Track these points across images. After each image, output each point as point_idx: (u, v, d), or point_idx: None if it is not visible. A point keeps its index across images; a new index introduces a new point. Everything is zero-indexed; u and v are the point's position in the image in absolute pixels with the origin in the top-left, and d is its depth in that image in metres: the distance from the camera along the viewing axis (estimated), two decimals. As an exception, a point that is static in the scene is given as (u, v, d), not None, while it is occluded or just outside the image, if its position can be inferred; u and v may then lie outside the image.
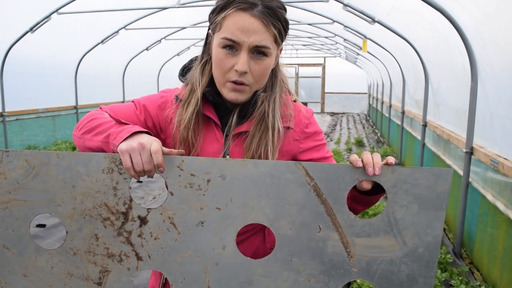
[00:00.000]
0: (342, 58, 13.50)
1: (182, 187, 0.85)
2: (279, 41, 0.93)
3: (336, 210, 0.84)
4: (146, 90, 10.27)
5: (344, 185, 0.83)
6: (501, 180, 2.48)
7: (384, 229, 0.84)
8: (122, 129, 0.85)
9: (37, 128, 6.64)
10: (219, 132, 0.98)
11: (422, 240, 0.83)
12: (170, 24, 7.33)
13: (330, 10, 5.56)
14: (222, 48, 0.90)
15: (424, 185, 0.82)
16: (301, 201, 0.84)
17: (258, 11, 0.87)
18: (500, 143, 2.53)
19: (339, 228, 0.84)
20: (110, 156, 0.84)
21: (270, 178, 0.83)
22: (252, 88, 0.94)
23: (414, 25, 4.25)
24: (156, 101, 1.01)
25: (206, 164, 0.84)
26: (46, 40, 6.00)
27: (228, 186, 0.84)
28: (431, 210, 0.82)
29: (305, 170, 0.83)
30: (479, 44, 2.72)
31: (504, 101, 2.44)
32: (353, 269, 0.85)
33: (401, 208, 0.83)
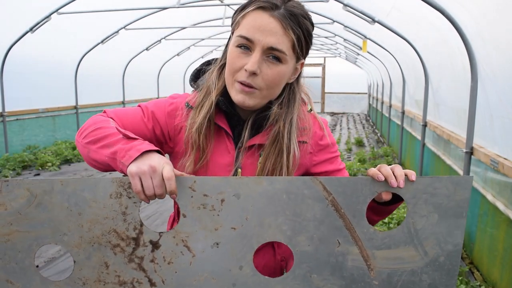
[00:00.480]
0: (342, 58, 13.50)
1: (195, 208, 0.82)
2: (297, 49, 0.88)
3: (355, 224, 0.82)
4: (146, 90, 10.27)
5: (362, 198, 0.81)
6: (501, 180, 2.48)
7: (405, 240, 0.83)
8: (131, 147, 0.79)
9: (37, 128, 6.64)
10: (231, 143, 0.95)
11: (443, 249, 0.83)
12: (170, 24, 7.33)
13: (330, 10, 5.56)
14: (236, 47, 0.87)
15: (444, 194, 0.81)
16: (319, 216, 0.82)
17: (279, 13, 0.84)
18: (500, 143, 2.53)
19: (359, 242, 0.83)
20: (118, 180, 0.80)
21: (286, 194, 0.82)
22: (262, 94, 0.89)
23: (414, 25, 4.25)
24: (166, 108, 0.97)
25: (219, 183, 0.81)
26: (46, 40, 6.00)
27: (243, 205, 0.82)
28: (451, 218, 0.82)
29: (322, 185, 0.81)
30: (479, 44, 2.72)
31: (504, 101, 2.44)
32: (374, 282, 0.84)
33: (421, 219, 0.82)
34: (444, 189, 0.81)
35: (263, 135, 0.94)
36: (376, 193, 0.82)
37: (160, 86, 10.72)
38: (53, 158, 5.96)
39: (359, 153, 6.75)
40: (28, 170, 5.72)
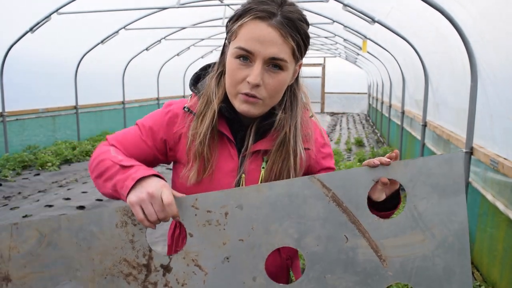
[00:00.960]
0: (342, 58, 13.50)
1: (201, 226, 0.82)
2: (297, 55, 0.88)
3: (359, 216, 0.82)
4: (146, 90, 10.27)
5: (362, 189, 0.82)
6: (501, 180, 2.48)
7: (410, 225, 0.82)
8: (127, 176, 0.81)
9: (37, 128, 6.64)
10: (234, 149, 0.95)
11: (449, 228, 0.82)
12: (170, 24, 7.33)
13: (330, 10, 5.56)
14: (235, 58, 0.86)
15: (439, 173, 0.81)
16: (322, 214, 0.82)
17: (277, 21, 0.82)
18: (500, 143, 2.53)
19: (366, 234, 0.83)
20: (121, 209, 0.82)
21: (288, 197, 0.82)
22: (266, 102, 0.88)
23: (414, 25, 4.26)
24: (163, 119, 0.97)
25: (221, 197, 0.82)
26: (46, 40, 6.00)
27: (247, 215, 0.82)
28: (451, 196, 0.82)
29: (320, 183, 0.82)
30: (479, 44, 2.72)
31: (504, 101, 2.45)
32: (388, 273, 0.83)
33: (422, 201, 0.82)
34: (438, 168, 0.81)
35: (267, 141, 0.94)
36: (373, 182, 0.82)
37: (160, 86, 10.71)
38: (53, 158, 5.96)
39: (359, 153, 6.75)
40: (28, 170, 5.72)
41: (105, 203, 4.37)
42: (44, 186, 5.07)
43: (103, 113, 8.41)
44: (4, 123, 5.86)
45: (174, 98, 12.80)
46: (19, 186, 4.96)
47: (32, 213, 3.98)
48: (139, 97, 9.79)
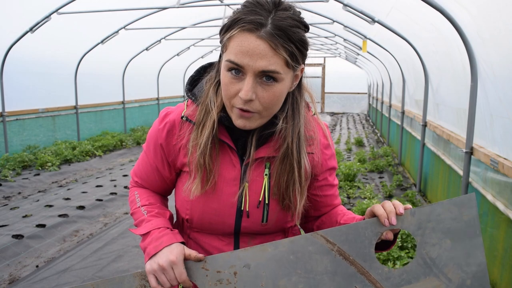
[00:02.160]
0: (342, 58, 13.50)
1: (212, 285, 0.85)
2: (292, 64, 0.82)
3: (368, 267, 0.82)
4: (146, 90, 10.27)
5: (368, 242, 0.81)
6: (501, 180, 2.48)
7: (424, 272, 0.81)
8: (144, 248, 0.90)
9: (37, 128, 6.64)
10: (235, 157, 0.93)
11: (466, 272, 0.80)
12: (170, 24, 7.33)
13: (330, 10, 5.56)
14: (227, 71, 0.83)
15: (450, 218, 0.80)
16: (330, 268, 0.82)
17: (266, 33, 0.77)
18: (500, 143, 2.53)
19: (377, 284, 0.82)
20: (138, 274, 0.88)
21: (293, 254, 0.83)
22: (262, 115, 0.85)
23: (414, 25, 4.25)
24: (162, 134, 0.95)
25: (228, 258, 0.85)
26: (46, 40, 6.00)
27: (255, 273, 0.84)
28: (465, 240, 0.80)
29: (324, 238, 0.82)
30: (479, 44, 2.72)
31: (504, 101, 2.44)
32: None
33: (433, 247, 0.80)
34: (448, 213, 0.80)
35: (269, 147, 0.92)
36: (380, 234, 0.81)
37: (160, 86, 10.71)
38: (53, 158, 5.96)
39: (359, 153, 6.75)
40: (28, 170, 5.72)
41: (105, 203, 4.37)
42: (44, 186, 5.07)
43: (103, 113, 8.41)
44: (4, 123, 5.86)
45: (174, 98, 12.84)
46: (19, 186, 4.96)
47: (32, 213, 3.98)
48: (139, 97, 9.79)
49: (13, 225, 3.63)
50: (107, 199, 4.46)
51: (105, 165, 6.48)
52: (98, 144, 7.10)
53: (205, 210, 0.92)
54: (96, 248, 3.21)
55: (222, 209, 0.92)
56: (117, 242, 3.33)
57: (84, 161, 6.44)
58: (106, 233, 3.53)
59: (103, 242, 3.32)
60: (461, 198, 0.80)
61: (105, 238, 3.42)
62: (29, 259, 3.05)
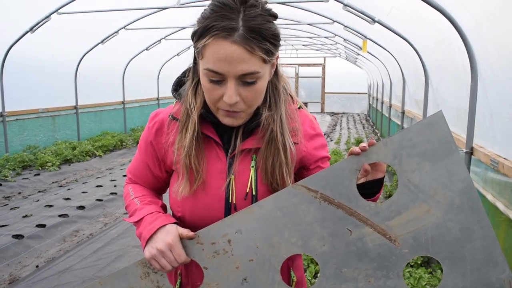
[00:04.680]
0: (342, 58, 13.49)
1: (211, 258, 0.87)
2: (268, 59, 0.84)
3: (355, 207, 0.82)
4: (146, 90, 10.26)
5: (348, 181, 0.81)
6: (501, 180, 2.48)
7: (411, 200, 0.80)
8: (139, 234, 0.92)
9: (37, 128, 6.64)
10: (221, 150, 0.94)
11: (452, 190, 0.80)
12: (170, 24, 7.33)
13: (330, 10, 5.56)
14: (207, 79, 0.84)
15: (422, 140, 0.79)
16: (318, 216, 0.83)
17: (239, 37, 0.77)
18: (500, 143, 2.53)
19: (368, 221, 0.82)
20: (140, 262, 0.91)
21: (279, 210, 0.84)
22: (248, 112, 0.89)
23: (414, 25, 4.25)
24: (151, 132, 0.99)
25: (218, 228, 0.86)
26: (46, 40, 6.00)
27: (248, 236, 0.85)
28: (443, 159, 0.79)
29: (305, 188, 0.83)
30: (479, 44, 2.72)
31: (504, 101, 2.44)
32: (404, 251, 0.82)
33: (414, 173, 0.80)
34: (420, 136, 0.79)
35: (255, 138, 0.93)
36: (358, 171, 0.81)
37: (160, 86, 10.71)
38: (53, 158, 5.96)
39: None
40: (28, 170, 5.72)
41: (105, 203, 4.37)
42: (44, 186, 5.07)
43: (103, 113, 8.41)
44: (4, 123, 5.86)
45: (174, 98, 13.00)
46: (19, 186, 4.96)
47: (32, 213, 3.98)
48: (139, 97, 9.79)
49: (13, 225, 3.63)
50: (107, 199, 4.46)
51: (105, 165, 6.48)
52: (98, 144, 7.10)
53: (195, 206, 0.94)
54: (96, 248, 3.21)
55: (211, 203, 0.93)
56: (117, 242, 3.33)
57: (84, 161, 6.44)
58: (106, 233, 3.53)
59: (103, 242, 3.32)
60: (429, 118, 0.79)
61: (105, 238, 3.42)
62: (29, 259, 3.05)
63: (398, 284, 0.83)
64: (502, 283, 0.80)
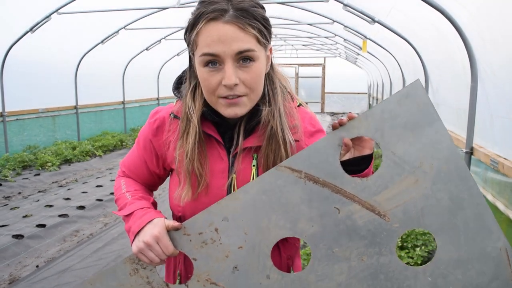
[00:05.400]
0: (342, 58, 13.50)
1: (199, 248, 0.86)
2: (263, 41, 0.85)
3: (340, 184, 0.80)
4: (146, 90, 10.27)
5: (331, 158, 0.80)
6: (501, 180, 2.48)
7: (397, 172, 0.78)
8: (128, 229, 0.91)
9: (37, 128, 6.64)
10: (222, 150, 0.94)
11: (438, 158, 0.77)
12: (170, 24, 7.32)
13: (330, 10, 5.56)
14: (204, 67, 0.84)
15: (403, 111, 0.78)
16: (304, 196, 0.81)
17: (231, 16, 0.80)
18: (500, 143, 2.53)
19: (355, 198, 0.80)
20: (128, 259, 0.89)
21: (264, 194, 0.82)
22: (250, 98, 0.87)
23: (414, 25, 4.25)
24: (151, 130, 0.99)
25: (204, 217, 0.85)
26: (46, 40, 6.00)
27: (235, 223, 0.84)
28: (426, 128, 0.78)
29: (289, 169, 0.81)
30: (479, 44, 2.72)
31: (504, 101, 2.45)
32: (394, 225, 0.80)
33: (397, 145, 0.78)
34: (400, 107, 0.78)
35: (256, 136, 0.93)
36: (340, 147, 0.80)
37: (160, 86, 10.71)
38: (53, 158, 5.96)
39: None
40: (28, 170, 5.72)
41: (105, 203, 4.37)
42: (44, 186, 5.07)
43: (103, 113, 8.41)
44: (4, 123, 5.86)
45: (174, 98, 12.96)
46: (19, 186, 4.96)
47: (32, 213, 3.98)
48: (139, 97, 9.79)
49: (13, 225, 3.63)
50: (107, 199, 4.46)
51: (105, 165, 6.48)
52: (98, 144, 7.10)
53: (196, 206, 0.93)
54: (96, 248, 3.21)
55: (212, 203, 0.92)
56: (117, 242, 3.33)
57: (84, 161, 6.44)
58: (106, 233, 3.53)
59: (103, 242, 3.32)
60: (406, 88, 0.78)
61: (105, 238, 3.42)
62: (29, 259, 3.05)
63: (391, 259, 0.81)
64: (498, 251, 0.78)
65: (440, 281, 0.80)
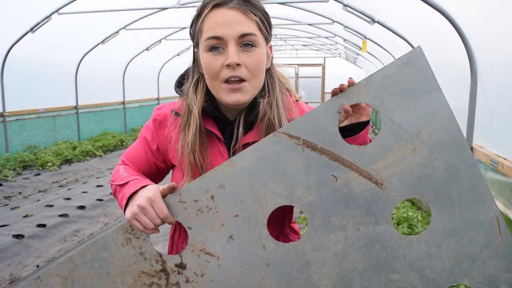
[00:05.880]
0: (342, 58, 13.51)
1: (194, 216, 0.83)
2: (264, 31, 0.90)
3: (339, 151, 0.79)
4: (146, 90, 10.28)
5: (330, 125, 0.79)
6: (500, 180, 2.49)
7: (395, 141, 0.78)
8: (122, 195, 0.89)
9: (38, 128, 6.65)
10: (222, 146, 0.96)
11: (436, 128, 0.77)
12: (170, 24, 7.33)
13: (330, 11, 5.57)
14: (208, 52, 0.87)
15: (403, 78, 0.77)
16: (302, 163, 0.80)
17: (234, 3, 0.86)
18: (500, 143, 2.54)
19: (353, 166, 0.79)
20: (121, 228, 0.86)
21: (262, 161, 0.81)
22: (251, 84, 0.89)
23: (413, 25, 4.26)
24: (154, 125, 1.01)
25: (201, 184, 0.83)
26: (46, 40, 6.01)
27: (232, 191, 0.82)
28: (425, 96, 0.77)
29: (287, 135, 0.80)
30: (479, 44, 2.73)
31: (503, 101, 2.45)
32: (391, 194, 0.79)
33: (396, 112, 0.78)
34: (400, 74, 0.77)
35: (254, 132, 0.95)
36: (339, 113, 0.79)
37: (160, 86, 10.72)
38: (53, 158, 5.97)
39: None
40: (28, 170, 5.73)
41: (105, 202, 4.37)
42: (45, 186, 5.08)
43: (103, 113, 8.41)
44: (5, 123, 5.87)
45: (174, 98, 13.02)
46: (19, 186, 4.96)
47: (32, 213, 3.99)
48: (139, 97, 9.80)
49: (13, 225, 3.64)
50: (107, 199, 4.47)
51: (105, 165, 6.49)
52: (99, 144, 7.11)
53: None
54: (96, 247, 3.22)
55: None
56: (117, 242, 3.34)
57: (85, 161, 6.45)
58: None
59: (103, 242, 3.33)
60: (407, 54, 0.77)
61: (105, 238, 3.43)
62: (29, 259, 3.05)
63: (387, 229, 0.80)
64: (490, 220, 0.78)
65: (434, 250, 0.80)
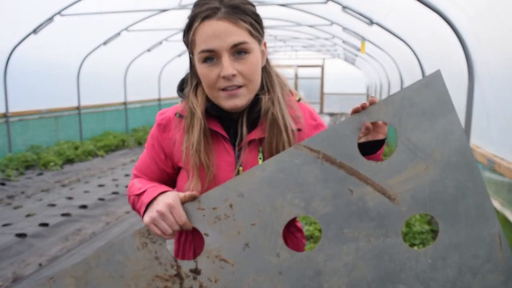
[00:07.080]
0: (341, 59, 13.54)
1: (212, 223, 0.85)
2: (255, 34, 0.91)
3: (356, 166, 0.83)
4: (148, 91, 10.30)
5: (349, 141, 0.83)
6: (497, 180, 2.52)
7: (409, 158, 0.82)
8: (141, 204, 0.91)
9: (40, 128, 6.68)
10: (228, 144, 0.97)
11: (449, 148, 0.81)
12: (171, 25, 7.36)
13: (329, 12, 5.61)
14: (203, 63, 0.90)
15: (422, 100, 0.81)
16: (320, 176, 0.83)
17: (223, 13, 0.87)
18: (497, 143, 2.57)
19: (369, 180, 0.83)
20: (137, 232, 0.87)
21: (282, 172, 0.84)
22: (249, 88, 0.92)
23: (412, 27, 4.29)
24: (158, 129, 1.02)
25: (220, 192, 0.85)
26: (49, 41, 6.05)
27: (250, 200, 0.84)
28: (441, 117, 0.81)
29: (307, 148, 0.83)
30: (476, 45, 2.76)
31: (500, 102, 2.49)
32: (402, 209, 0.83)
33: (413, 132, 0.82)
34: (419, 95, 0.81)
35: (259, 129, 0.97)
36: (359, 130, 0.82)
37: (161, 87, 10.75)
38: (55, 158, 6.01)
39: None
40: (31, 169, 5.76)
41: (107, 202, 4.41)
42: (47, 186, 5.11)
43: (105, 113, 8.45)
44: (8, 123, 5.90)
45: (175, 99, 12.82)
46: (22, 186, 5.00)
47: (35, 212, 4.02)
48: (141, 98, 9.83)
49: (16, 224, 3.68)
50: (109, 199, 4.51)
51: (107, 164, 6.52)
52: (100, 144, 7.14)
53: None
54: (98, 246, 3.25)
55: None
56: (119, 241, 3.37)
57: (87, 161, 6.48)
58: (108, 232, 3.57)
59: (105, 241, 3.37)
60: (427, 77, 0.81)
61: (107, 237, 3.46)
62: (32, 258, 3.08)
63: (396, 241, 0.84)
64: (493, 237, 0.83)
65: (439, 263, 0.84)
